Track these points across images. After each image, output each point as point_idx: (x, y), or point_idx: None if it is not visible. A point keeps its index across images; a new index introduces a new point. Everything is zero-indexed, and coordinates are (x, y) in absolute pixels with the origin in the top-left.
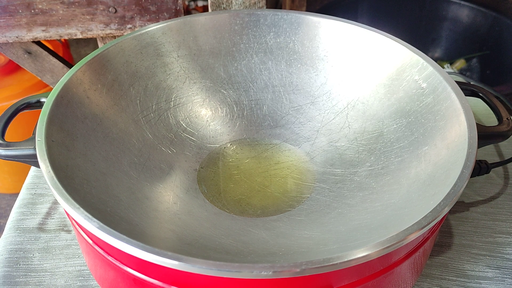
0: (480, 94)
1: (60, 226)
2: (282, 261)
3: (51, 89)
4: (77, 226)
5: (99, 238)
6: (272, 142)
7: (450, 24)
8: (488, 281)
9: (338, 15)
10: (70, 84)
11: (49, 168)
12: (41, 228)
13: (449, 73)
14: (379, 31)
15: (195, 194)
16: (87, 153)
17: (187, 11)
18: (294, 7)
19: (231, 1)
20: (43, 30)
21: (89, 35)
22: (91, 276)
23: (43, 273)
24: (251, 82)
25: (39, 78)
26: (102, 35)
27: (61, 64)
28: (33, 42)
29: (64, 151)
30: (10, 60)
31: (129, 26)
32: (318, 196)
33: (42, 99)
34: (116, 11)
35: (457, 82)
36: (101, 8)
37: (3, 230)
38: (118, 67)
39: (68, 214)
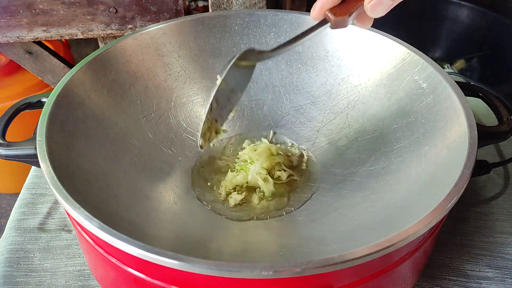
0: (480, 94)
1: (60, 226)
2: (282, 261)
3: (52, 89)
4: (77, 226)
5: (99, 238)
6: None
7: (450, 24)
8: (488, 281)
9: None
10: (70, 84)
11: (50, 168)
12: (41, 228)
13: (449, 73)
14: (379, 31)
15: (195, 194)
16: (88, 153)
17: (188, 11)
18: (295, 7)
19: (232, 2)
20: (44, 30)
21: (90, 35)
22: (92, 276)
23: (43, 273)
24: (252, 82)
25: (40, 78)
26: (102, 35)
27: (62, 64)
28: (34, 42)
29: (65, 151)
30: (11, 60)
31: (129, 26)
32: (319, 196)
33: (43, 99)
34: (116, 11)
35: (457, 82)
36: (102, 8)
37: (4, 230)
38: (119, 67)
39: (68, 214)
